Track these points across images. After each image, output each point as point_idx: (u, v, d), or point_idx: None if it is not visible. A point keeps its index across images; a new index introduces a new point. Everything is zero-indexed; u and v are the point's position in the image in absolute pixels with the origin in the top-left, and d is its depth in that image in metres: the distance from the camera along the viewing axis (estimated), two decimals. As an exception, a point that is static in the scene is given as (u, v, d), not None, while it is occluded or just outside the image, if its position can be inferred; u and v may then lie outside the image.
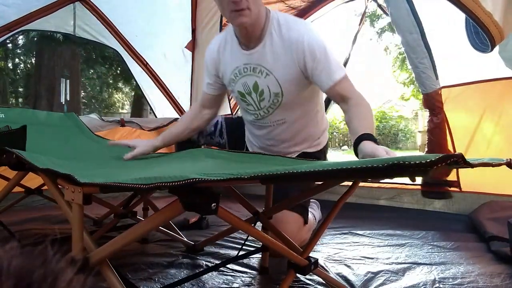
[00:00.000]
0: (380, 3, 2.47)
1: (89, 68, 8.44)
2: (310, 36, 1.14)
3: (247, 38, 1.20)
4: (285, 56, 1.17)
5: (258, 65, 1.21)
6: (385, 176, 0.56)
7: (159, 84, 2.95)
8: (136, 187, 0.62)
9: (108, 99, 11.93)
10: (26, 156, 0.87)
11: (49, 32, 4.24)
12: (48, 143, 1.48)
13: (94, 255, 0.73)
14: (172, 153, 1.42)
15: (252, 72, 1.23)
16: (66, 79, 6.13)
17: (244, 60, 1.23)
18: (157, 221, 0.74)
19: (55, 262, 0.25)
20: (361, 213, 2.10)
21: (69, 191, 0.72)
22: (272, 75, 1.20)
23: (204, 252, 1.41)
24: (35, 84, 6.30)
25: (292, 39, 1.15)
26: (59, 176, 0.77)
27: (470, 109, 2.07)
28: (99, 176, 0.78)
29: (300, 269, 0.91)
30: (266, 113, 1.30)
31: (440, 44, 2.05)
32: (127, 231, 0.74)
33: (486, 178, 1.98)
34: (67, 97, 6.15)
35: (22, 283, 0.23)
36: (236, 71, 1.26)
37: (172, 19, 2.86)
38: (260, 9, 1.15)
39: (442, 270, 1.24)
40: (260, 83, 1.23)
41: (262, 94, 1.25)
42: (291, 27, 1.17)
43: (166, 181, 0.61)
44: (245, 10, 1.08)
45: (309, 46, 1.13)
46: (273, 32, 1.18)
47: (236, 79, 1.27)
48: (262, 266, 1.24)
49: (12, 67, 8.70)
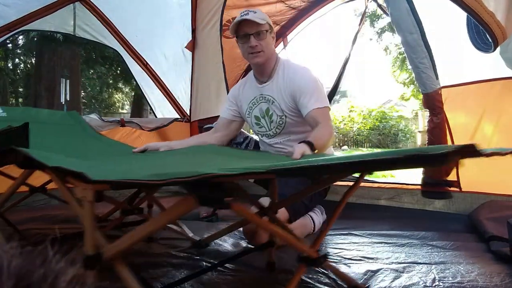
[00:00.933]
0: (380, 3, 2.47)
1: (89, 68, 8.44)
2: (303, 78, 1.51)
3: (261, 73, 1.60)
4: (285, 89, 1.54)
5: (268, 95, 1.60)
6: (404, 166, 0.57)
7: (159, 84, 2.95)
8: (150, 183, 0.63)
9: (108, 99, 11.93)
10: (35, 154, 0.87)
11: (49, 32, 4.23)
12: (52, 141, 1.49)
13: (106, 251, 0.74)
14: (176, 150, 1.43)
15: (264, 100, 1.62)
16: (66, 79, 6.13)
17: (259, 92, 1.63)
18: (171, 216, 0.74)
19: (55, 262, 0.25)
20: (361, 213, 2.10)
21: (80, 188, 0.74)
22: (276, 102, 1.57)
23: (210, 249, 1.42)
24: (35, 84, 6.30)
25: (290, 79, 1.53)
26: (69, 174, 0.78)
27: (470, 109, 2.07)
28: (108, 174, 0.78)
29: (311, 262, 0.94)
30: (275, 133, 1.65)
31: (440, 44, 2.05)
32: (140, 227, 0.76)
33: (485, 178, 1.98)
34: (67, 97, 6.16)
35: (22, 283, 0.23)
36: (254, 100, 1.65)
37: (172, 19, 2.86)
38: (272, 53, 1.56)
39: (441, 269, 1.24)
40: (270, 108, 1.61)
41: (272, 117, 1.62)
42: (293, 70, 1.55)
43: (182, 177, 0.62)
44: (260, 52, 1.49)
45: (299, 85, 1.50)
46: (279, 72, 1.56)
47: (254, 107, 1.66)
48: (269, 261, 1.25)
49: (12, 67, 8.70)
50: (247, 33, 1.45)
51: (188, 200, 0.69)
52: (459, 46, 1.90)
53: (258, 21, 1.42)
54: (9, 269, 0.23)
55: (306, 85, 1.48)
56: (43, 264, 0.24)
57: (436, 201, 2.13)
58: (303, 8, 2.75)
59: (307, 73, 1.53)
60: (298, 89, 1.49)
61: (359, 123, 11.62)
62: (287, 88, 1.52)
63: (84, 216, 0.75)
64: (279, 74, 1.56)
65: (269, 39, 1.50)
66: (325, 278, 1.19)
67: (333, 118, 11.47)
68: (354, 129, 11.64)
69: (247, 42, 1.47)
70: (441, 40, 2.07)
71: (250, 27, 1.44)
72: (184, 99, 3.00)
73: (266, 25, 1.47)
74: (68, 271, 0.25)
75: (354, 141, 11.63)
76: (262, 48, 1.48)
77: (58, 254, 0.26)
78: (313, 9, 2.75)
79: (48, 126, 1.62)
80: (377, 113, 11.73)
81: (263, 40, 1.47)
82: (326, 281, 1.17)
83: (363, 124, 11.54)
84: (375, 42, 10.62)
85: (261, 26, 1.45)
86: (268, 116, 1.63)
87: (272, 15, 2.72)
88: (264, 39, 1.47)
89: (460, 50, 1.94)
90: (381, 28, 10.23)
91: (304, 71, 1.54)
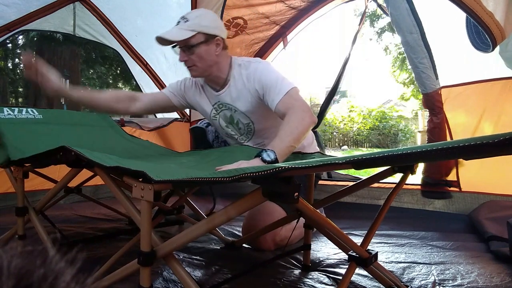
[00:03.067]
0: (380, 3, 2.47)
1: (89, 68, 8.43)
2: (258, 71, 1.34)
3: (212, 82, 1.44)
4: (246, 91, 1.37)
5: (226, 103, 1.44)
6: (491, 154, 0.56)
7: (159, 84, 2.95)
8: (217, 181, 0.64)
9: (108, 99, 11.93)
10: (88, 154, 0.89)
11: (49, 32, 4.23)
12: (89, 142, 1.52)
13: (160, 249, 0.78)
14: (213, 150, 1.47)
15: (225, 108, 1.46)
16: (66, 79, 6.12)
17: (216, 100, 1.46)
18: (240, 208, 0.73)
19: (55, 262, 0.25)
20: (361, 213, 2.10)
21: (138, 188, 0.76)
22: (239, 110, 1.42)
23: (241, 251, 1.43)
24: (35, 84, 6.30)
25: (248, 76, 1.36)
26: (127, 174, 0.80)
27: (470, 109, 2.07)
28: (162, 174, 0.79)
29: (361, 262, 0.95)
30: (246, 139, 1.51)
31: (440, 44, 2.05)
32: (195, 226, 0.78)
33: (485, 178, 1.98)
34: (67, 97, 6.16)
35: (22, 283, 0.23)
36: (216, 106, 1.48)
37: (172, 19, 2.85)
38: (214, 63, 1.36)
39: (441, 270, 1.24)
40: (234, 116, 1.46)
41: (238, 124, 1.47)
42: (247, 67, 1.38)
43: (250, 172, 0.62)
44: (192, 66, 1.34)
45: (260, 82, 1.33)
46: (235, 75, 1.39)
47: (217, 113, 1.50)
48: (304, 264, 1.27)
49: (12, 67, 8.69)
50: (178, 45, 1.32)
51: (255, 195, 0.69)
52: (459, 46, 1.90)
53: (178, 36, 1.27)
54: (9, 269, 0.23)
55: (265, 79, 1.31)
56: (43, 264, 0.24)
57: (436, 201, 2.13)
58: (303, 8, 2.74)
59: (260, 65, 1.36)
60: (259, 87, 1.33)
61: (359, 123, 11.63)
62: (250, 88, 1.36)
63: (142, 216, 0.78)
64: (235, 78, 1.39)
65: (205, 50, 1.31)
66: (325, 278, 1.19)
67: (333, 118, 11.59)
68: (354, 129, 11.64)
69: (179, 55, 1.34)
70: (441, 40, 2.07)
71: (179, 42, 1.30)
72: (184, 99, 3.00)
73: (198, 36, 1.29)
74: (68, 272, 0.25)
75: (354, 141, 11.64)
76: (194, 63, 1.32)
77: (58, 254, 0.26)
78: (313, 9, 2.75)
79: (82, 128, 1.65)
80: (377, 113, 11.73)
81: (193, 54, 1.30)
82: (326, 281, 1.17)
83: (363, 124, 11.54)
84: (375, 42, 10.63)
85: (186, 41, 1.28)
86: (234, 124, 1.49)
87: (272, 15, 2.72)
88: (194, 53, 1.30)
89: (460, 50, 1.94)
90: (381, 28, 10.23)
91: (258, 66, 1.36)
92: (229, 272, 1.21)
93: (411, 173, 0.99)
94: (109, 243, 1.51)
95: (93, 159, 0.85)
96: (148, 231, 0.77)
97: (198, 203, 1.66)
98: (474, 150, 0.50)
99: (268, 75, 1.32)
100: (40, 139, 1.36)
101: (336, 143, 11.76)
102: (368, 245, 0.99)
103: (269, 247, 1.45)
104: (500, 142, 0.45)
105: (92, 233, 1.68)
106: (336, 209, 1.73)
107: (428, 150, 0.52)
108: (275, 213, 1.41)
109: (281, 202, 0.70)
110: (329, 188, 2.30)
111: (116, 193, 0.87)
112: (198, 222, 0.82)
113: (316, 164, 0.61)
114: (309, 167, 0.61)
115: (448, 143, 0.52)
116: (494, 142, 0.46)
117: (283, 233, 1.47)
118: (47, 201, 1.17)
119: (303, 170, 0.62)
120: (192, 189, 1.57)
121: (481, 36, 1.57)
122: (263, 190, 0.67)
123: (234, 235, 1.67)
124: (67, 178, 1.09)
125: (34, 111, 1.55)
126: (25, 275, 0.23)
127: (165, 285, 1.09)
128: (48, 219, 1.38)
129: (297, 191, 0.66)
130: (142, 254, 0.77)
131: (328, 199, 1.15)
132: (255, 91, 1.34)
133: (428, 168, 2.15)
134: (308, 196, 1.22)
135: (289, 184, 0.65)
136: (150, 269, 0.79)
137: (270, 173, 0.60)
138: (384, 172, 1.03)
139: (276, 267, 1.27)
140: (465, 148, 0.49)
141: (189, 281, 0.77)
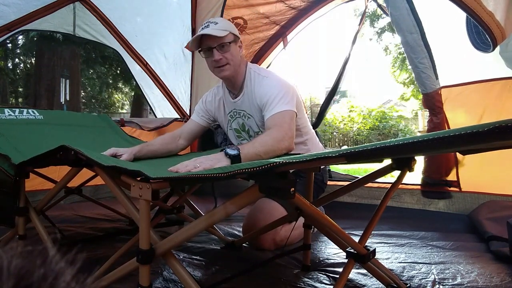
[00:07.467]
0: (380, 3, 2.47)
1: (89, 68, 8.43)
2: (264, 88, 1.40)
3: (232, 86, 1.50)
4: (254, 102, 1.44)
5: (241, 110, 1.51)
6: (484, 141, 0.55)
7: (159, 84, 2.95)
8: (213, 177, 0.64)
9: (108, 99, 11.92)
10: (88, 153, 0.89)
11: (49, 32, 4.23)
12: (88, 142, 1.53)
13: (159, 246, 0.78)
14: (214, 151, 1.46)
15: (239, 116, 1.53)
16: (66, 79, 6.13)
17: (233, 107, 1.53)
18: (238, 204, 0.74)
19: (55, 262, 0.25)
20: (361, 213, 2.09)
21: (136, 187, 0.76)
22: (252, 117, 1.48)
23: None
24: (35, 84, 6.30)
25: (256, 91, 1.43)
26: (125, 174, 0.80)
27: (470, 109, 2.07)
28: (159, 173, 0.80)
29: (359, 258, 0.95)
30: None
31: (440, 44, 2.05)
32: (194, 223, 0.78)
33: (485, 178, 1.98)
34: (67, 97, 6.16)
35: (22, 283, 0.23)
36: (232, 113, 1.55)
37: (172, 19, 2.86)
38: (240, 64, 1.44)
39: (441, 269, 1.24)
40: (246, 123, 1.53)
41: (249, 132, 1.55)
42: (257, 82, 1.44)
43: (246, 167, 0.63)
44: (225, 65, 1.39)
45: (261, 97, 1.40)
46: (248, 84, 1.46)
47: (232, 120, 1.58)
48: (304, 264, 1.27)
49: (12, 67, 8.69)
50: (210, 46, 1.37)
51: (252, 191, 0.69)
52: (459, 46, 1.90)
53: (219, 34, 1.34)
54: (9, 269, 0.23)
55: (266, 94, 1.37)
56: (43, 264, 0.24)
57: (436, 201, 2.13)
58: (303, 8, 2.74)
59: (269, 82, 1.41)
60: (261, 102, 1.39)
61: (359, 123, 11.62)
62: (255, 100, 1.43)
63: (141, 214, 0.78)
64: (248, 87, 1.46)
65: (235, 49, 1.41)
66: (325, 278, 1.19)
67: (333, 118, 11.59)
68: (354, 129, 11.64)
69: (211, 56, 1.38)
70: (441, 40, 2.07)
71: (212, 40, 1.36)
72: (184, 99, 3.00)
73: (230, 36, 1.38)
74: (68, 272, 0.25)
75: (354, 141, 11.64)
76: (227, 61, 1.39)
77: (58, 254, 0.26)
78: (313, 9, 2.75)
79: (82, 129, 1.66)
80: (377, 113, 11.73)
81: (227, 52, 1.38)
82: (326, 281, 1.17)
83: (363, 124, 11.54)
84: (375, 42, 10.63)
85: (223, 38, 1.36)
86: (245, 131, 1.55)
87: (272, 15, 2.72)
88: (228, 51, 1.38)
89: (460, 50, 1.94)
90: (381, 28, 10.23)
91: (265, 81, 1.42)
92: (229, 272, 1.21)
93: (409, 170, 0.99)
94: (109, 243, 1.51)
95: (92, 158, 0.85)
96: (146, 229, 0.77)
97: (198, 204, 1.66)
98: (467, 139, 0.50)
99: (269, 91, 1.37)
100: (41, 140, 1.36)
101: (336, 143, 11.76)
102: (366, 242, 0.99)
103: (269, 246, 1.45)
104: (491, 130, 0.45)
105: (92, 233, 1.68)
106: (336, 209, 1.73)
107: (420, 140, 0.53)
108: (276, 212, 1.41)
109: (278, 197, 0.70)
110: (329, 188, 2.29)
111: (115, 193, 0.87)
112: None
113: (310, 158, 0.61)
114: (303, 161, 0.61)
115: (440, 133, 0.52)
116: (484, 130, 0.46)
117: (283, 233, 1.47)
118: (48, 201, 1.17)
119: (297, 164, 0.62)
120: (192, 188, 1.57)
121: (481, 36, 1.57)
122: (260, 185, 0.68)
123: (234, 235, 1.67)
124: (67, 178, 1.09)
125: (35, 112, 1.56)
126: (25, 275, 0.23)
127: (165, 284, 1.09)
128: (49, 219, 1.38)
129: (292, 186, 0.66)
130: (141, 252, 0.77)
131: (327, 197, 1.15)
132: (257, 105, 1.42)
133: (428, 168, 2.15)
134: (307, 195, 1.22)
135: (284, 179, 0.65)
136: (149, 267, 0.79)
137: (265, 168, 0.60)
138: (382, 170, 1.03)
139: (276, 267, 1.27)
140: (456, 137, 0.49)
141: (189, 281, 0.77)
